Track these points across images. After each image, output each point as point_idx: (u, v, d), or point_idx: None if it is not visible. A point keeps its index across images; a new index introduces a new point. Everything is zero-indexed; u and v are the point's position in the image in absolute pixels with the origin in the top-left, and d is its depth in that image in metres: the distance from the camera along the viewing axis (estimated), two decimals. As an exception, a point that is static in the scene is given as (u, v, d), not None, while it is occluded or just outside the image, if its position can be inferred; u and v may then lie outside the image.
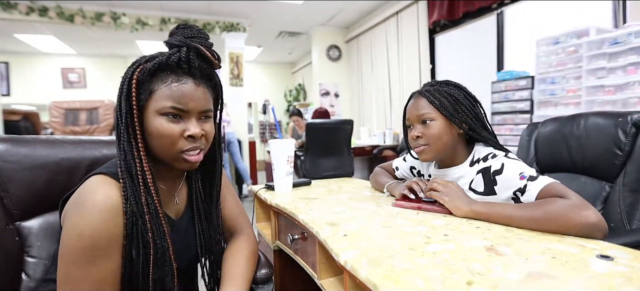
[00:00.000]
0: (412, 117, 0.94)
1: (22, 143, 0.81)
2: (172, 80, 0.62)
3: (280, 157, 1.16)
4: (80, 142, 0.88)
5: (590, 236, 0.64)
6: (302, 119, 4.36)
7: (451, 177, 0.94)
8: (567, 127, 1.12)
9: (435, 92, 0.91)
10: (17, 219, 0.80)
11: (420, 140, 0.91)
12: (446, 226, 0.73)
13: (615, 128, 0.98)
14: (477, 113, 0.92)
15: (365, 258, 0.58)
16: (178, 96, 0.62)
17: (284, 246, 1.05)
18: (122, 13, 4.49)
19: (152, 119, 0.62)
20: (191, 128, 0.63)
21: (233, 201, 0.87)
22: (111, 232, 0.57)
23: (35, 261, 0.80)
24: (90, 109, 3.81)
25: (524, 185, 0.77)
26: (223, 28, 5.03)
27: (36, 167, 0.80)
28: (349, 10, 5.07)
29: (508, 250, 0.59)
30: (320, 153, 3.17)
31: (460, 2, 3.60)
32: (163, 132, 0.62)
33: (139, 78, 0.61)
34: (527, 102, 2.60)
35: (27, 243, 0.80)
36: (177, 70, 0.63)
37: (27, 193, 0.79)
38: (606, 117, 1.03)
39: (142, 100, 0.62)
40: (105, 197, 0.57)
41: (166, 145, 0.63)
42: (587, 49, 2.18)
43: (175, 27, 0.66)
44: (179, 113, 0.63)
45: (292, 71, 8.71)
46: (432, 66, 4.19)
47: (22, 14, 4.12)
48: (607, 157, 0.99)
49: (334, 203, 0.99)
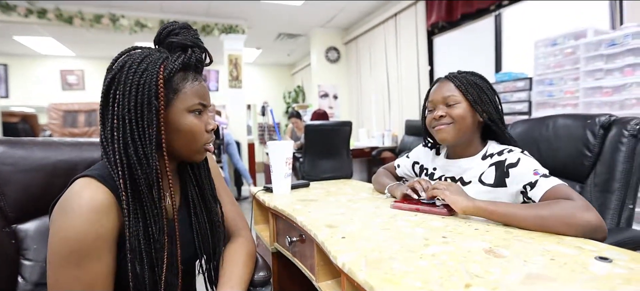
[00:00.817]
0: (437, 99, 0.95)
1: (19, 146, 0.81)
2: (192, 78, 0.66)
3: (279, 159, 1.16)
4: (78, 144, 0.88)
5: (591, 238, 0.65)
6: (301, 121, 4.37)
7: (461, 167, 0.96)
8: (536, 129, 1.15)
9: (462, 78, 0.94)
10: (13, 222, 0.79)
11: (444, 120, 0.93)
12: (445, 228, 0.73)
13: (584, 130, 1.02)
14: (497, 107, 0.95)
15: (363, 260, 0.57)
16: (202, 93, 0.67)
17: (283, 248, 1.05)
18: (121, 15, 4.49)
19: (181, 117, 0.65)
20: (211, 123, 0.70)
21: (230, 203, 0.87)
22: (97, 233, 0.57)
23: (32, 264, 0.79)
24: (89, 111, 3.81)
25: (536, 180, 0.79)
26: (222, 30, 5.04)
27: (33, 169, 0.80)
28: (348, 11, 5.08)
29: (507, 251, 0.59)
30: (319, 154, 3.17)
31: (459, 4, 3.61)
32: (194, 128, 0.66)
33: (165, 77, 0.62)
34: (526, 103, 2.60)
35: (23, 246, 0.79)
36: (193, 69, 0.67)
37: (23, 196, 0.79)
38: (574, 119, 1.07)
39: (170, 99, 0.64)
40: (90, 199, 0.57)
41: (194, 140, 0.67)
42: (585, 50, 2.19)
43: (179, 26, 0.68)
44: (203, 110, 0.68)
45: (291, 73, 8.71)
46: (431, 67, 4.20)
47: (21, 16, 4.12)
48: (577, 158, 1.03)
49: (333, 205, 0.99)
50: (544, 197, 0.76)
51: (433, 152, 1.10)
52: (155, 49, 0.67)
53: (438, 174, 1.04)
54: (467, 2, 3.52)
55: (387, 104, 5.04)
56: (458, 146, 0.97)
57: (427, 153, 1.12)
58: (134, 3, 4.38)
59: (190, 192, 0.76)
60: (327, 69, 5.97)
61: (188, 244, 0.74)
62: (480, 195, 0.90)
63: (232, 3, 4.51)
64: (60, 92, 6.78)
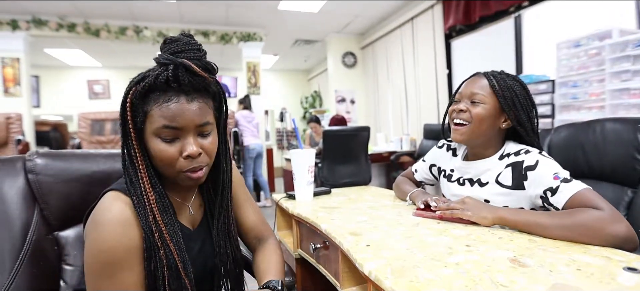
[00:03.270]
0: (465, 92, 0.93)
1: (59, 158, 0.86)
2: (163, 100, 0.61)
3: (301, 167, 1.19)
4: (111, 155, 0.93)
5: (620, 248, 0.63)
6: (320, 126, 4.39)
7: (478, 169, 0.95)
8: (582, 133, 1.11)
9: (499, 78, 0.91)
10: (56, 229, 0.84)
11: (463, 115, 0.91)
12: (468, 237, 0.73)
13: (635, 134, 0.97)
14: (530, 115, 0.91)
15: (389, 268, 0.59)
16: (170, 116, 0.60)
17: (306, 254, 1.08)
18: (144, 26, 4.68)
19: (150, 141, 0.63)
20: (188, 148, 0.62)
21: (254, 210, 0.89)
22: (126, 246, 0.60)
23: (72, 269, 0.84)
24: (114, 120, 3.96)
25: (557, 185, 0.76)
26: (240, 38, 5.15)
27: (72, 179, 0.84)
28: (364, 17, 5.09)
29: (531, 261, 0.59)
30: (337, 160, 3.18)
31: (477, 6, 3.57)
32: (160, 154, 0.62)
33: (132, 100, 0.61)
34: (548, 106, 2.55)
35: (64, 252, 0.84)
36: (168, 89, 0.61)
37: (64, 205, 0.84)
38: (623, 123, 1.02)
39: (138, 122, 0.62)
40: (118, 213, 0.61)
41: (166, 165, 0.63)
42: (610, 51, 2.13)
43: (163, 41, 0.64)
44: (174, 133, 0.62)
45: (308, 78, 8.78)
46: (449, 71, 4.16)
47: (52, 30, 4.36)
48: (627, 162, 0.98)
49: (355, 212, 1.01)
50: (568, 204, 0.73)
51: (450, 153, 1.08)
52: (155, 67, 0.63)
53: (455, 176, 1.03)
54: (485, 5, 3.47)
55: (405, 108, 5.01)
56: (475, 148, 0.96)
57: (443, 154, 1.11)
58: (156, 15, 4.54)
59: (208, 206, 0.77)
60: (344, 74, 5.99)
61: (208, 257, 0.75)
62: (498, 197, 0.89)
63: (250, 11, 4.61)
64: (87, 101, 7.07)
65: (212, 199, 0.77)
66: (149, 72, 0.62)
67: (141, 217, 0.62)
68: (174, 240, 0.65)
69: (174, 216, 0.67)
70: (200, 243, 0.75)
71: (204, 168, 0.67)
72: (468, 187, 0.97)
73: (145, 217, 0.62)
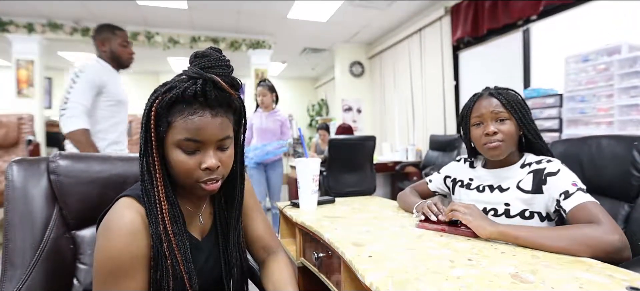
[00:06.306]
0: (487, 114, 0.97)
1: (80, 160, 0.89)
2: (188, 113, 0.62)
3: (306, 176, 1.20)
4: (128, 158, 0.95)
5: (616, 258, 0.67)
6: (329, 134, 4.40)
7: (499, 176, 1.00)
8: (578, 148, 1.13)
9: (506, 94, 0.98)
10: (73, 228, 0.86)
11: (497, 136, 0.95)
12: (470, 250, 0.73)
13: (630, 151, 1.00)
14: (534, 123, 0.99)
15: (390, 280, 0.59)
16: (193, 129, 0.62)
17: (309, 263, 1.08)
18: (155, 32, 4.77)
19: (171, 150, 0.64)
20: (207, 161, 0.64)
21: (263, 219, 0.89)
22: (133, 254, 0.61)
23: (86, 268, 0.86)
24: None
25: (573, 192, 0.82)
26: (249, 45, 5.22)
27: (91, 181, 0.87)
28: (372, 27, 5.13)
29: (533, 277, 0.59)
30: (342, 169, 3.19)
31: (485, 19, 3.58)
32: (179, 165, 0.64)
33: (157, 110, 0.62)
34: (556, 120, 2.53)
35: (80, 251, 0.87)
36: (194, 102, 0.62)
37: (82, 206, 0.86)
38: (619, 140, 1.05)
39: (161, 131, 0.63)
40: (129, 221, 0.62)
41: (183, 175, 0.65)
42: (619, 67, 2.12)
43: (194, 54, 0.65)
44: (195, 146, 0.63)
45: (314, 86, 8.83)
46: (456, 82, 4.16)
47: (67, 34, 4.46)
48: (624, 177, 1.00)
49: (359, 223, 1.02)
50: (573, 210, 0.79)
51: (467, 164, 1.13)
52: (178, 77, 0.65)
53: (475, 184, 1.06)
54: (493, 17, 3.48)
55: (412, 119, 5.01)
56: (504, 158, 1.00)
57: (461, 166, 1.14)
58: (167, 21, 4.63)
59: (219, 216, 0.78)
60: (351, 83, 6.02)
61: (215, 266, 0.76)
62: (517, 201, 0.93)
63: (260, 19, 4.67)
64: (98, 103, 7.17)
65: (223, 209, 0.78)
66: (175, 82, 0.63)
67: (152, 225, 0.63)
68: (182, 250, 0.65)
69: (183, 226, 0.67)
70: (207, 252, 0.75)
71: (220, 180, 0.68)
72: (488, 193, 1.01)
73: (155, 226, 0.63)
